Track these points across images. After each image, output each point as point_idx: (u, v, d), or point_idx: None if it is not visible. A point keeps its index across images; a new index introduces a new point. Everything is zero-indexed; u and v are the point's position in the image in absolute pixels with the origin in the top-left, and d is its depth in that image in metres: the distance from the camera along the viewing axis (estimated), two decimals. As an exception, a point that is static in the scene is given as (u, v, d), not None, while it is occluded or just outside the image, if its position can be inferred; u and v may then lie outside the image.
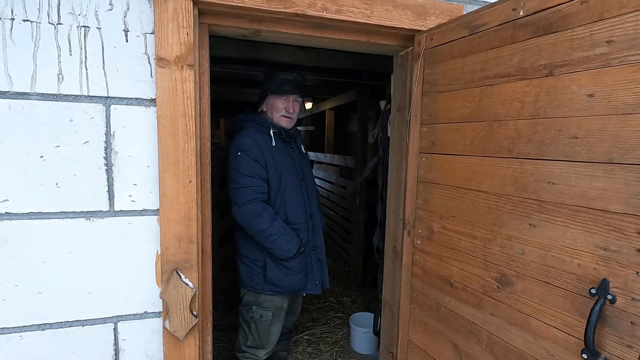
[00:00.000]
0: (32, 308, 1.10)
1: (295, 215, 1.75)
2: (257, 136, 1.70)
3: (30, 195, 1.05)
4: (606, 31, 0.75)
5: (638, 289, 0.71)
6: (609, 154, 0.75)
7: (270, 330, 1.81)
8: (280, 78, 1.73)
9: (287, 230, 1.69)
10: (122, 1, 1.06)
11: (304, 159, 1.92)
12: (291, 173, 1.76)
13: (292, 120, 1.81)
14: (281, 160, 1.74)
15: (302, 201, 1.78)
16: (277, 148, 1.74)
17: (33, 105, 1.03)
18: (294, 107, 1.78)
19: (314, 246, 1.84)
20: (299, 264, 1.74)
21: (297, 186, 1.77)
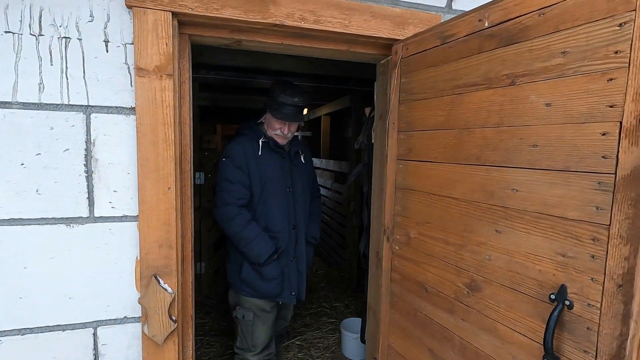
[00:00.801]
0: (12, 312, 1.11)
1: (276, 223, 1.78)
2: (247, 144, 1.75)
3: (12, 202, 1.08)
4: (561, 42, 0.77)
5: (593, 294, 0.72)
6: (565, 162, 0.77)
7: (254, 332, 1.83)
8: (280, 102, 1.72)
9: (261, 235, 1.72)
10: (102, 13, 1.09)
11: (300, 169, 1.90)
12: (277, 182, 1.79)
13: (286, 138, 1.82)
14: (267, 169, 1.77)
15: (285, 211, 1.80)
16: (264, 157, 1.78)
17: (14, 114, 1.06)
18: (289, 128, 1.79)
19: (294, 256, 1.85)
20: (272, 270, 1.76)
21: (282, 196, 1.79)
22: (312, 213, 1.99)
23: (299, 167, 1.90)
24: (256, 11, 1.19)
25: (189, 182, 1.29)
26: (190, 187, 1.30)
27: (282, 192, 1.80)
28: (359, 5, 1.29)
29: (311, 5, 1.23)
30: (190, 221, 1.31)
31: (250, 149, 1.76)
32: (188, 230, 1.29)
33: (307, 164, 2.00)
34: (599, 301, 0.72)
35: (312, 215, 1.99)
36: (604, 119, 0.70)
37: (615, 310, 0.69)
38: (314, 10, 1.24)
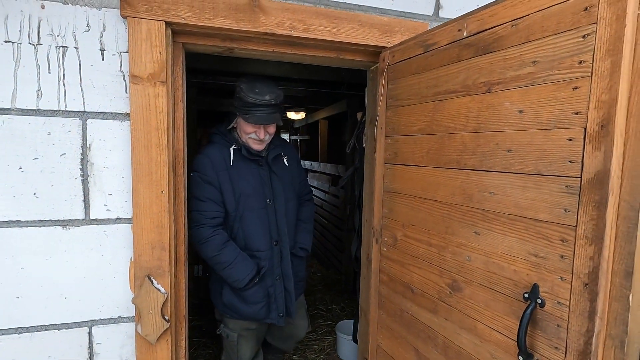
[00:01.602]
0: (10, 312, 1.15)
1: (255, 241, 1.59)
2: (216, 154, 1.56)
3: (10, 205, 1.12)
4: (532, 52, 0.81)
5: (562, 293, 0.76)
6: (536, 166, 0.80)
7: (239, 350, 1.73)
8: (249, 102, 1.48)
9: (240, 258, 1.55)
10: (98, 23, 1.14)
11: (282, 175, 1.68)
12: (253, 196, 1.58)
13: (263, 142, 1.59)
14: (241, 181, 1.57)
15: (266, 226, 1.60)
16: (237, 167, 1.57)
17: (13, 119, 1.10)
18: (266, 131, 1.57)
19: (280, 275, 1.65)
20: (256, 293, 1.60)
21: (261, 209, 1.60)
22: (301, 220, 1.78)
23: (280, 173, 1.67)
24: (247, 20, 1.23)
25: (182, 186, 1.33)
26: (184, 190, 1.34)
27: (260, 205, 1.60)
28: (347, 14, 1.33)
29: (300, 15, 1.28)
30: (184, 224, 1.35)
31: (221, 160, 1.55)
32: (181, 232, 1.33)
33: (292, 166, 1.74)
34: (567, 299, 0.75)
35: (301, 223, 1.78)
36: (570, 125, 0.74)
37: (582, 307, 0.72)
38: (303, 19, 1.28)
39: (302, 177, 1.86)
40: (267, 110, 1.51)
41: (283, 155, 1.71)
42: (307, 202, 1.87)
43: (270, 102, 1.51)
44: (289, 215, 1.69)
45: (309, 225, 1.82)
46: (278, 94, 1.54)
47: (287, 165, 1.71)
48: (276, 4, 1.26)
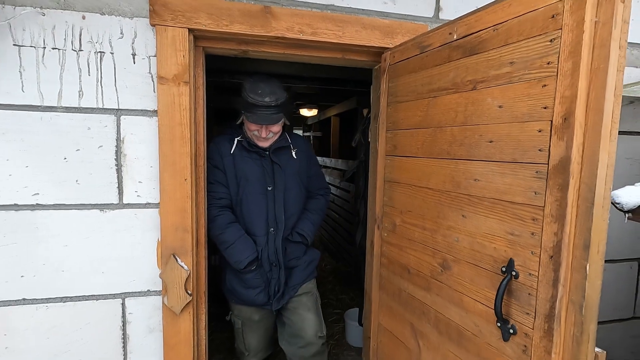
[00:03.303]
0: (55, 283, 1.33)
1: (254, 226, 1.65)
2: (223, 142, 1.67)
3: (56, 190, 1.29)
4: (510, 54, 0.91)
5: (532, 266, 0.86)
6: (512, 155, 0.91)
7: (245, 339, 1.78)
8: (250, 102, 1.53)
9: (241, 240, 1.61)
10: (130, 30, 1.29)
11: (286, 166, 1.71)
12: (253, 182, 1.65)
13: (267, 140, 1.64)
14: (242, 168, 1.65)
15: (264, 213, 1.65)
16: (239, 155, 1.66)
17: (59, 116, 1.27)
18: (269, 130, 1.61)
19: (276, 262, 1.68)
20: (255, 278, 1.65)
21: (260, 195, 1.65)
22: (307, 210, 1.81)
23: (284, 164, 1.70)
24: (260, 26, 1.37)
25: (202, 175, 1.48)
26: (204, 179, 1.49)
27: (260, 191, 1.65)
28: (351, 18, 1.44)
29: (308, 20, 1.40)
30: (204, 209, 1.50)
31: (227, 147, 1.66)
32: (202, 216, 1.48)
33: (301, 159, 1.77)
34: (537, 271, 0.85)
35: (306, 212, 1.80)
36: (540, 118, 0.84)
37: (548, 277, 0.83)
38: (310, 23, 1.41)
39: (314, 172, 1.86)
40: (268, 111, 1.54)
41: (292, 148, 1.74)
42: (319, 196, 1.87)
43: (270, 104, 1.53)
44: (289, 204, 1.71)
45: (314, 216, 1.81)
46: (279, 96, 1.55)
47: (294, 158, 1.75)
48: (286, 10, 1.39)
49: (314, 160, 1.89)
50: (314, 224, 1.80)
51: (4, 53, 1.20)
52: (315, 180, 1.87)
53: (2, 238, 1.27)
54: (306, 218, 1.78)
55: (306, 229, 1.75)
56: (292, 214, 1.73)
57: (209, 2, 1.31)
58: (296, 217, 1.76)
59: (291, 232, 1.73)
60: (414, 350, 1.28)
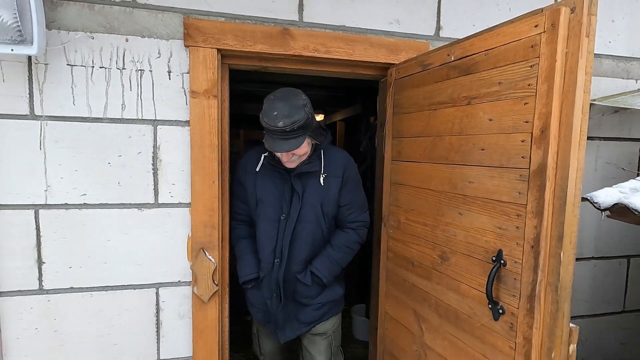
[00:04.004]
0: (99, 274, 1.50)
1: (262, 251, 1.57)
2: (251, 158, 1.59)
3: (101, 191, 1.46)
4: (498, 75, 1.07)
5: (517, 254, 1.02)
6: (500, 160, 1.07)
7: (260, 344, 1.79)
8: (265, 126, 1.38)
9: (246, 257, 1.59)
10: (167, 51, 1.47)
11: (309, 194, 1.52)
12: (268, 207, 1.53)
13: (293, 162, 1.48)
14: (262, 189, 1.55)
15: (273, 241, 1.53)
16: (263, 175, 1.56)
17: (104, 126, 1.44)
18: (289, 154, 1.43)
19: (277, 294, 1.54)
20: (255, 297, 1.62)
21: (272, 222, 1.53)
22: (329, 244, 1.59)
23: (306, 192, 1.52)
24: (279, 45, 1.54)
25: (227, 178, 1.65)
26: (228, 181, 1.66)
27: (272, 218, 1.53)
28: (360, 37, 1.62)
29: (322, 40, 1.57)
30: (228, 208, 1.67)
31: (253, 163, 1.57)
32: (226, 215, 1.65)
33: (330, 187, 1.53)
34: (521, 259, 1.01)
35: (328, 247, 1.58)
36: (522, 130, 1.00)
37: (530, 264, 0.98)
38: (324, 43, 1.58)
39: (347, 201, 1.58)
40: (283, 137, 1.35)
41: (322, 173, 1.52)
42: (350, 230, 1.61)
43: (285, 129, 1.33)
44: (301, 238, 1.53)
45: (336, 253, 1.56)
46: (297, 118, 1.33)
47: (321, 185, 1.52)
48: (302, 32, 1.56)
49: (350, 187, 1.58)
50: (334, 262, 1.56)
51: (59, 72, 1.38)
52: (348, 210, 1.59)
53: (53, 233, 1.44)
54: (325, 255, 1.56)
55: (321, 269, 1.53)
56: (302, 249, 1.54)
57: (235, 26, 1.49)
58: (309, 252, 1.55)
59: (305, 269, 1.55)
60: (417, 333, 1.44)
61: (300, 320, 1.61)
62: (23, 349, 1.46)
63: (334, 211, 1.58)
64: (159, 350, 1.57)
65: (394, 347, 1.63)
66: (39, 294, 1.45)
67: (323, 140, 1.57)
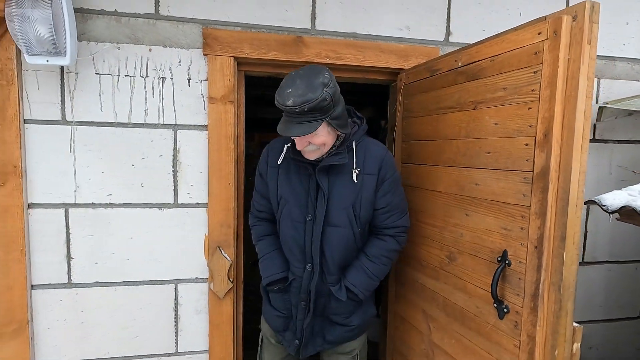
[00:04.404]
0: (122, 270, 1.59)
1: (291, 256, 1.38)
2: (274, 148, 1.40)
3: (125, 191, 1.56)
4: (503, 81, 1.11)
5: (522, 255, 1.05)
6: (505, 163, 1.10)
7: (262, 353, 1.56)
8: (277, 105, 1.19)
9: (270, 255, 1.41)
10: (187, 59, 1.56)
11: (339, 192, 1.30)
12: (292, 206, 1.34)
13: (310, 154, 1.27)
14: (285, 185, 1.35)
15: (301, 244, 1.34)
16: (286, 167, 1.35)
17: (128, 131, 1.54)
18: (303, 142, 1.23)
19: (306, 303, 1.35)
20: (278, 300, 1.41)
21: (298, 224, 1.33)
22: (363, 254, 1.37)
23: (334, 190, 1.30)
24: (292, 53, 1.61)
25: (242, 179, 1.72)
26: (243, 183, 1.73)
27: (298, 219, 1.34)
28: (370, 44, 1.67)
29: (333, 47, 1.63)
30: (243, 209, 1.74)
31: (274, 155, 1.38)
32: (241, 215, 1.72)
33: (366, 186, 1.30)
34: (525, 259, 1.04)
35: (362, 257, 1.36)
36: (526, 134, 1.03)
37: (533, 264, 1.01)
38: (335, 50, 1.64)
39: (384, 204, 1.34)
40: (295, 119, 1.17)
41: (354, 168, 1.30)
42: (388, 237, 1.37)
43: (294, 109, 1.14)
44: (332, 243, 1.32)
45: (373, 265, 1.35)
46: (307, 101, 1.12)
47: (354, 182, 1.30)
48: (315, 39, 1.63)
49: (389, 187, 1.33)
50: (371, 275, 1.35)
51: (88, 80, 1.49)
52: (385, 214, 1.35)
53: (81, 231, 1.54)
54: (360, 267, 1.35)
55: (357, 283, 1.34)
56: (335, 257, 1.34)
57: (251, 35, 1.56)
58: (342, 261, 1.36)
59: (339, 282, 1.36)
60: (425, 332, 1.47)
61: (327, 340, 1.41)
62: (52, 338, 1.56)
63: (368, 214, 1.34)
64: (177, 344, 1.65)
65: (403, 346, 1.66)
66: (68, 288, 1.55)
67: (352, 131, 1.32)
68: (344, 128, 1.27)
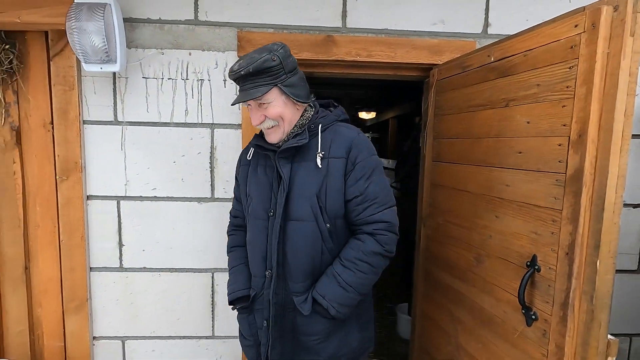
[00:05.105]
0: (165, 257, 1.74)
1: (252, 261, 1.21)
2: (247, 146, 1.29)
3: (167, 186, 1.69)
4: (536, 77, 1.05)
5: (552, 261, 1.00)
6: (537, 164, 1.04)
7: None
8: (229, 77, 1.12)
9: (235, 270, 1.26)
10: (223, 62, 1.64)
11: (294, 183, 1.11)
12: (258, 200, 1.17)
13: (274, 133, 1.14)
14: (252, 180, 1.21)
15: (262, 247, 1.15)
16: (255, 162, 1.22)
17: (171, 130, 1.66)
18: (258, 115, 1.12)
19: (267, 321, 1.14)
20: (243, 323, 1.23)
21: (261, 221, 1.16)
22: (338, 259, 1.12)
23: (296, 178, 1.11)
24: (323, 52, 1.63)
25: (274, 176, 1.79)
26: (275, 179, 1.80)
27: (261, 216, 1.16)
28: (402, 40, 1.64)
29: (363, 45, 1.63)
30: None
31: (246, 151, 1.28)
32: (272, 210, 1.79)
33: (333, 171, 1.10)
34: (555, 265, 0.99)
35: (336, 263, 1.11)
36: (560, 134, 0.97)
37: (564, 271, 0.96)
38: (365, 47, 1.63)
39: (356, 192, 1.10)
40: (244, 86, 1.08)
41: (318, 151, 1.10)
42: (365, 235, 1.11)
43: (240, 72, 1.05)
44: (295, 243, 1.11)
45: (346, 272, 1.09)
46: (253, 60, 1.03)
47: (318, 168, 1.10)
48: (345, 38, 1.64)
49: (362, 172, 1.10)
50: (344, 284, 1.08)
51: (136, 84, 1.63)
52: (359, 207, 1.11)
53: (131, 221, 1.71)
54: (330, 274, 1.10)
55: (326, 294, 1.09)
56: (298, 258, 1.11)
57: (282, 36, 1.61)
58: (309, 264, 1.11)
59: (307, 292, 1.12)
60: (452, 333, 1.45)
61: None
62: (107, 316, 1.75)
63: (337, 206, 1.11)
64: (213, 328, 1.78)
65: (430, 346, 1.65)
66: (120, 271, 1.73)
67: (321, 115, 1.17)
68: (301, 98, 1.12)
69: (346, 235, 1.16)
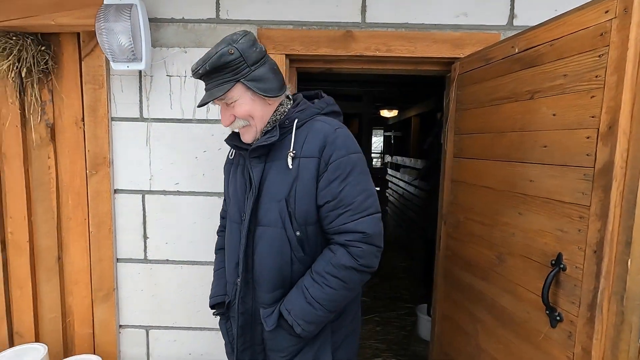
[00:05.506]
0: (186, 250, 1.78)
1: (227, 268, 1.16)
2: None
3: (189, 181, 1.74)
4: (563, 67, 1.00)
5: (578, 259, 0.95)
6: (563, 158, 1.00)
7: None
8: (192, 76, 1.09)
9: (216, 274, 1.25)
10: (243, 59, 1.67)
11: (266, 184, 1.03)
12: (234, 203, 1.12)
13: (247, 133, 1.06)
14: (231, 182, 1.17)
15: (235, 251, 1.09)
16: (235, 164, 1.18)
17: (193, 126, 1.71)
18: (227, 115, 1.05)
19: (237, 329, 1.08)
20: (222, 327, 1.20)
21: (237, 224, 1.10)
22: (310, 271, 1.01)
23: (269, 179, 1.03)
24: (341, 48, 1.63)
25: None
26: (293, 175, 1.82)
27: (235, 219, 1.11)
28: (422, 34, 1.61)
29: (383, 39, 1.61)
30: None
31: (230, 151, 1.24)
32: (291, 206, 1.81)
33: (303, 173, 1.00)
34: (582, 264, 0.94)
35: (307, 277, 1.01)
36: (588, 126, 0.93)
37: (591, 270, 0.91)
38: (385, 42, 1.62)
39: (328, 197, 0.99)
40: (207, 86, 1.02)
41: (290, 150, 1.01)
42: (336, 246, 0.99)
43: (198, 71, 0.99)
44: (262, 249, 1.03)
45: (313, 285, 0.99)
46: (209, 56, 0.97)
47: (289, 169, 1.01)
48: (364, 32, 1.62)
49: (336, 173, 0.98)
50: (311, 300, 0.98)
51: (161, 82, 1.69)
52: (331, 213, 0.99)
53: (155, 214, 1.77)
54: (300, 287, 1.01)
55: (292, 308, 1.00)
56: (264, 266, 1.03)
57: (302, 34, 1.62)
58: (277, 272, 1.03)
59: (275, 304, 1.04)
60: (472, 334, 1.41)
61: None
62: (132, 305, 1.82)
63: (309, 212, 1.00)
64: (232, 320, 1.81)
65: (450, 347, 1.61)
66: (144, 263, 1.79)
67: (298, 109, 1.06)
68: (270, 92, 1.02)
69: (321, 244, 1.04)
